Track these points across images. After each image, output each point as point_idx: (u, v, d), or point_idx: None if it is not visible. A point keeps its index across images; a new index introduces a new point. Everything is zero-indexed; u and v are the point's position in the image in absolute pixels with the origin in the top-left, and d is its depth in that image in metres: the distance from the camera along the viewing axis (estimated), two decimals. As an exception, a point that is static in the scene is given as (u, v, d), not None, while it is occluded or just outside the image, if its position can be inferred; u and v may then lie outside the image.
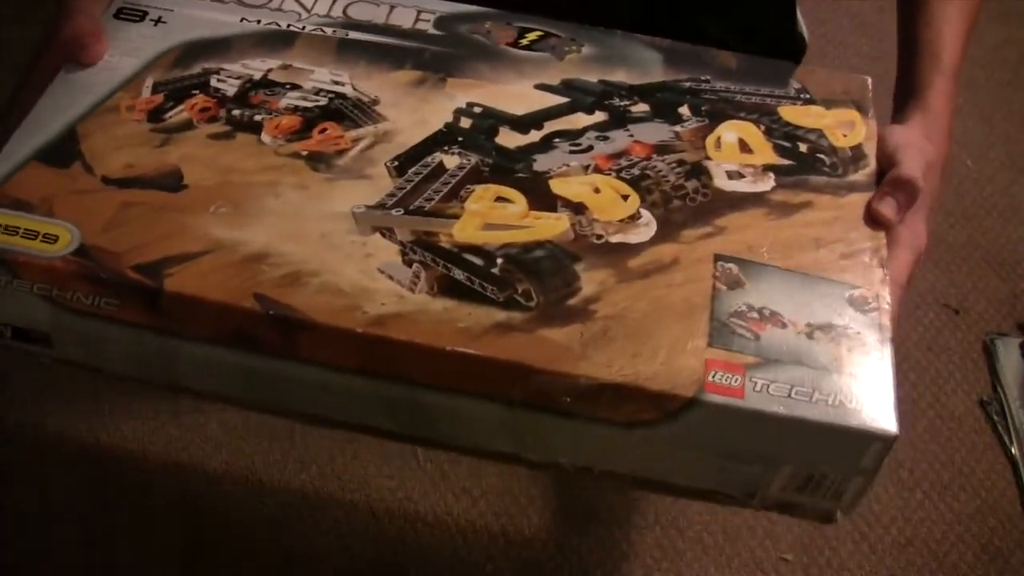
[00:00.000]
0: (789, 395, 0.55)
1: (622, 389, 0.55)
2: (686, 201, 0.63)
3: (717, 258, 0.60)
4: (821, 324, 0.58)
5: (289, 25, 0.70)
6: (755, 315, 0.58)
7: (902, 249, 0.65)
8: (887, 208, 0.64)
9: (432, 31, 0.71)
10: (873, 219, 0.64)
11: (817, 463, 0.57)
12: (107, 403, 0.92)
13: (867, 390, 0.55)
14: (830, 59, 1.39)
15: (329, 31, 0.70)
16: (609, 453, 0.58)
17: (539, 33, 0.72)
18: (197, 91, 0.66)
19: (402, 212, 0.60)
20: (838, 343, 0.57)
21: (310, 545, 0.86)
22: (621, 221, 0.61)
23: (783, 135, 0.67)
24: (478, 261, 0.59)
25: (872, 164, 0.67)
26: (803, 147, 0.67)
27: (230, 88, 0.66)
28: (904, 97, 0.73)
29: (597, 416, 0.56)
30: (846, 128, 0.68)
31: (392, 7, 0.72)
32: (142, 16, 0.70)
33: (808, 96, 0.70)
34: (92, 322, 0.58)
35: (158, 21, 0.70)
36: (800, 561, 0.91)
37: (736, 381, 0.55)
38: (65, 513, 0.88)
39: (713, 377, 0.55)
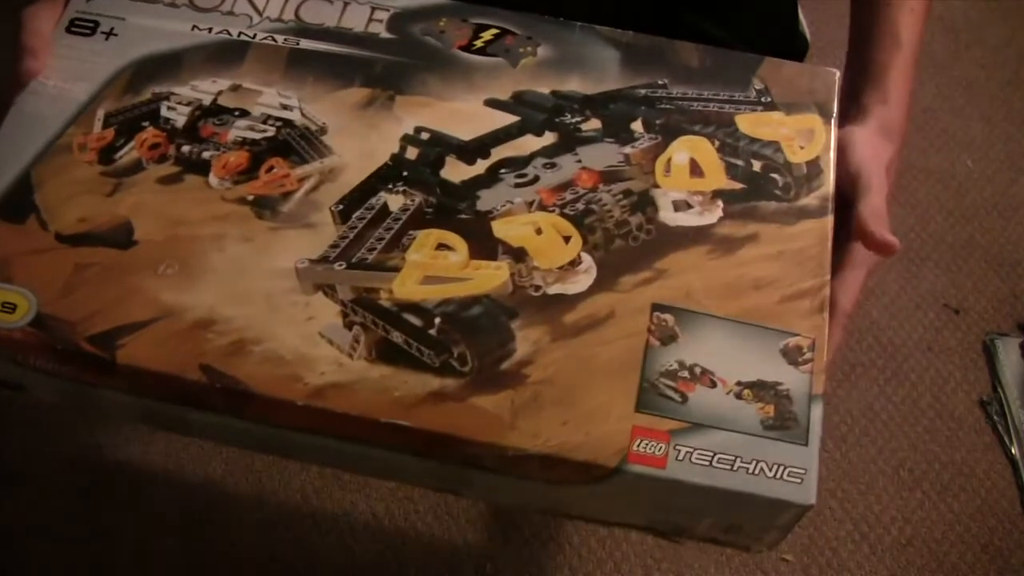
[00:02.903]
0: (711, 463, 0.57)
1: (549, 459, 0.57)
2: (628, 241, 0.63)
3: (654, 308, 0.61)
4: (751, 382, 0.59)
5: (240, 33, 0.69)
6: (686, 374, 0.59)
7: (854, 269, 0.65)
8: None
9: (384, 34, 0.69)
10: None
11: (736, 518, 0.59)
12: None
13: (788, 456, 0.57)
14: (831, 60, 1.34)
15: (280, 39, 0.69)
16: (542, 499, 0.62)
17: (495, 32, 0.70)
18: (147, 122, 0.66)
19: (344, 266, 0.61)
20: (765, 403, 0.59)
21: (310, 546, 0.87)
22: (561, 268, 0.62)
23: (737, 151, 0.66)
24: (416, 321, 0.60)
25: (827, 184, 0.65)
26: (757, 165, 0.66)
27: (180, 118, 0.66)
28: (861, 81, 0.71)
29: (527, 476, 0.59)
30: (804, 139, 0.66)
31: (345, 4, 0.70)
32: (93, 29, 0.69)
33: (769, 99, 0.68)
34: (56, 379, 0.62)
35: (109, 34, 0.69)
36: (800, 561, 0.93)
37: (660, 450, 0.57)
38: (65, 515, 0.89)
39: (638, 446, 0.57)
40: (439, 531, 0.90)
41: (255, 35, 0.69)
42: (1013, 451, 1.02)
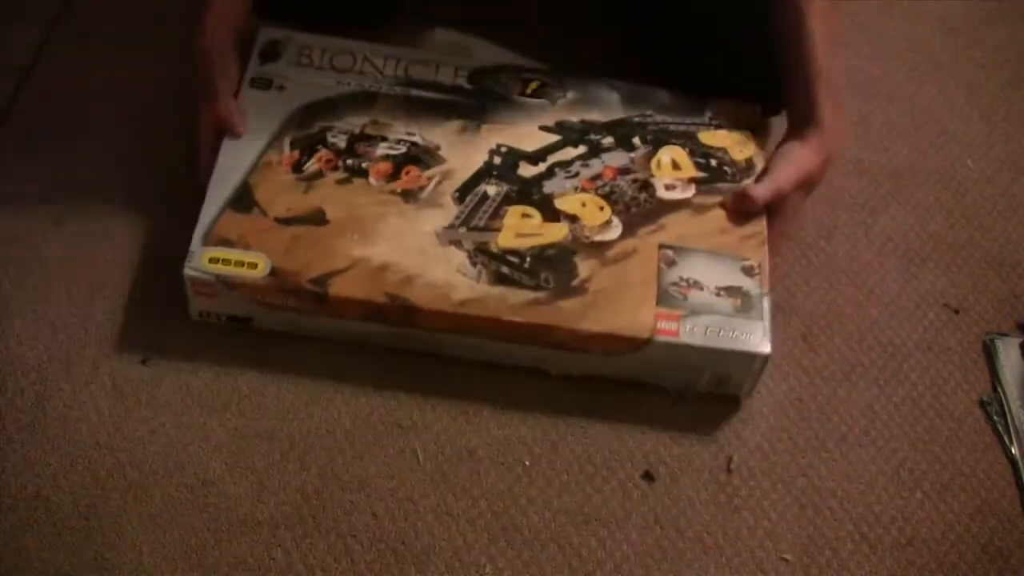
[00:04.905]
0: (705, 333, 0.93)
1: (607, 336, 0.93)
2: (639, 208, 0.99)
3: (661, 246, 0.97)
4: (725, 287, 0.96)
5: (370, 86, 1.04)
6: (684, 283, 0.95)
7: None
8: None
9: (466, 85, 1.06)
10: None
11: (725, 369, 0.95)
12: (108, 403, 0.94)
13: (751, 328, 0.94)
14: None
15: (398, 89, 1.05)
16: (600, 366, 0.96)
17: (538, 83, 1.06)
18: (320, 146, 1.00)
19: (466, 229, 0.96)
20: (735, 298, 0.95)
21: (310, 546, 0.88)
22: (600, 226, 0.98)
23: (701, 154, 1.03)
24: (516, 260, 0.95)
25: (757, 173, 1.03)
26: (714, 162, 1.03)
27: (341, 142, 1.01)
28: (795, 99, 1.02)
29: (591, 350, 0.94)
30: (741, 147, 1.04)
31: (438, 66, 1.06)
32: (268, 85, 1.03)
33: (718, 123, 1.06)
34: (282, 312, 0.94)
35: (281, 88, 1.03)
36: (800, 561, 0.92)
37: (674, 326, 0.93)
38: (65, 515, 0.88)
39: (660, 325, 0.93)
40: (439, 531, 0.90)
41: (380, 87, 1.05)
42: (1013, 451, 1.00)
